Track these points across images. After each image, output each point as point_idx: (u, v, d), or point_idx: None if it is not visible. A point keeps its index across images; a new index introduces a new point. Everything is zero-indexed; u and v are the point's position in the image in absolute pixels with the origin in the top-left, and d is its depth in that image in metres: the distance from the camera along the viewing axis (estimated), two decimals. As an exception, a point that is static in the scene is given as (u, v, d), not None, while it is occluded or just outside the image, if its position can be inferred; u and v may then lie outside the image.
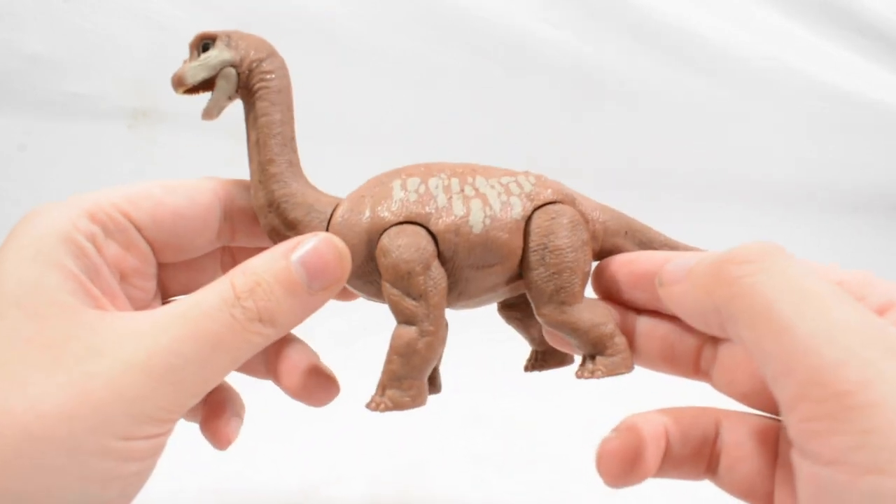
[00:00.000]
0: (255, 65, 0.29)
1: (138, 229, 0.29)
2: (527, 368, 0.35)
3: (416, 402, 0.29)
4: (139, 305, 0.30)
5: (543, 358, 0.34)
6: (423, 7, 0.93)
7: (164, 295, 0.33)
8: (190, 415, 0.33)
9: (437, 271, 0.29)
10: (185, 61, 0.29)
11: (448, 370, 0.33)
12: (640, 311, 0.31)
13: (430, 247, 0.29)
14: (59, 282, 0.25)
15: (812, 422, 0.19)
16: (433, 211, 0.29)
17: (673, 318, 0.30)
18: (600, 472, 0.26)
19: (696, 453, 0.27)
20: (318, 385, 0.32)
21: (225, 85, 0.29)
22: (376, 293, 0.31)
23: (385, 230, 0.29)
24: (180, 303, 0.26)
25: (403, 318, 0.29)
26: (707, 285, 0.23)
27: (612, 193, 0.41)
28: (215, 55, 0.29)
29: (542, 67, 0.98)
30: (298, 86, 0.30)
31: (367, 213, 0.29)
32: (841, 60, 1.07)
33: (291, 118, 0.30)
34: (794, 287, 0.21)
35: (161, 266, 0.32)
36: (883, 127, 1.10)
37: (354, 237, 0.29)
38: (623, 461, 0.26)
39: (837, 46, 1.07)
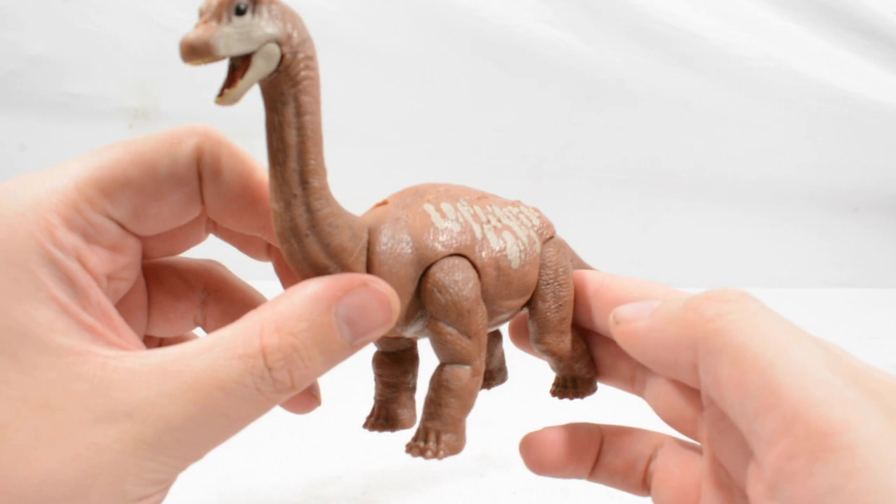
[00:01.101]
0: (300, 47, 0.23)
1: (120, 225, 0.25)
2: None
3: (464, 440, 0.28)
4: (124, 292, 0.27)
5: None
6: (424, 8, 0.93)
7: (145, 257, 0.29)
8: None
9: (482, 307, 0.28)
10: (201, 23, 0.22)
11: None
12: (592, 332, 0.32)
13: (478, 281, 0.27)
14: (50, 320, 0.22)
15: (792, 460, 0.19)
16: (475, 242, 0.28)
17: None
18: (522, 456, 0.30)
19: (629, 467, 0.30)
20: (296, 399, 0.30)
21: (263, 66, 0.22)
22: (419, 330, 0.28)
23: (435, 262, 0.27)
24: (194, 359, 0.22)
25: (457, 357, 0.27)
26: (685, 320, 0.23)
27: (611, 193, 0.41)
28: (259, 25, 0.22)
29: (543, 68, 0.98)
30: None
31: (411, 242, 0.26)
32: (841, 61, 1.07)
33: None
34: (776, 325, 0.21)
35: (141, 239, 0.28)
36: (883, 127, 1.10)
37: (401, 270, 0.26)
38: (542, 451, 0.29)
39: (837, 47, 1.07)
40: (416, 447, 0.27)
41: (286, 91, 0.23)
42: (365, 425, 0.31)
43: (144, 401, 0.22)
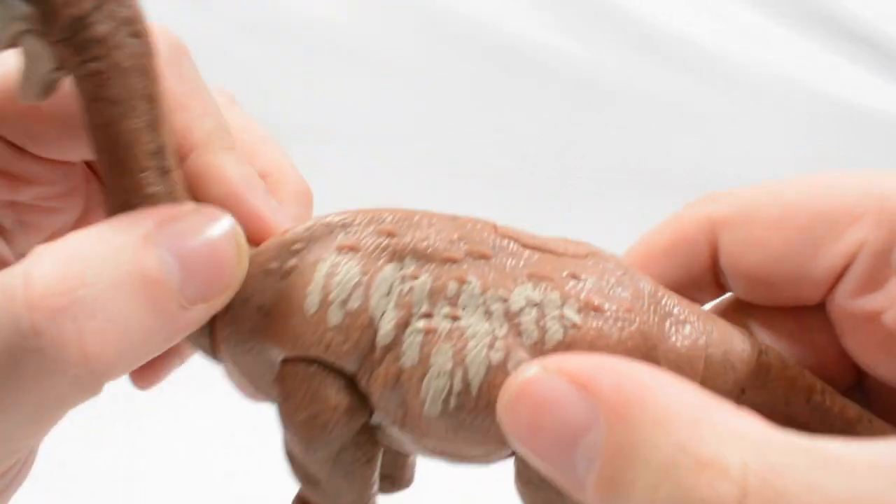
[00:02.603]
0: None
1: (12, 145, 0.20)
2: None
3: None
4: (63, 223, 0.23)
5: None
6: (423, 12, 0.93)
7: None
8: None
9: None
10: None
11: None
12: None
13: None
14: None
15: None
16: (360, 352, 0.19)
17: None
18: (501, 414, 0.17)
19: None
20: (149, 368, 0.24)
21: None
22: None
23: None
24: None
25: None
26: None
27: (608, 195, 0.41)
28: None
29: (542, 70, 0.98)
30: (300, 88, 0.30)
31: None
32: (836, 68, 1.08)
33: None
34: None
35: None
36: (874, 132, 1.11)
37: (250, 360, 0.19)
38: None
39: (834, 55, 1.07)
40: None
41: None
42: None
43: None
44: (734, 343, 0.19)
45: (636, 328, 0.17)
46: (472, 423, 0.17)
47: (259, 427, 0.48)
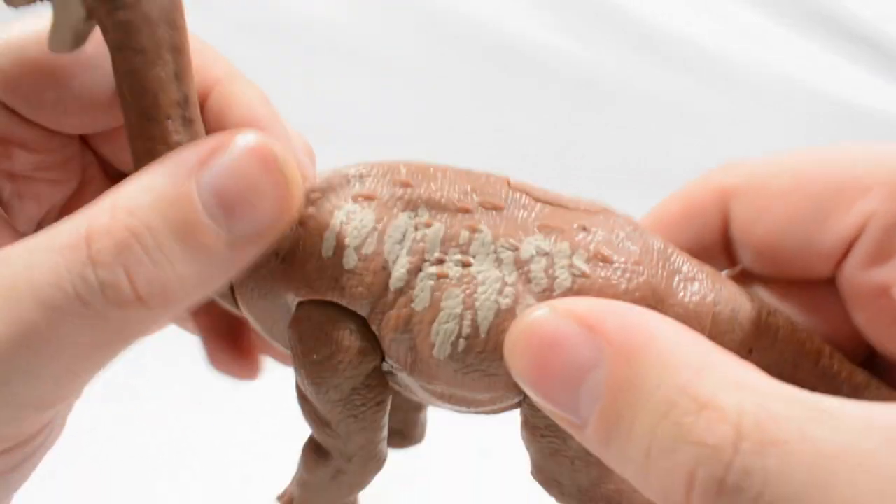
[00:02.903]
0: None
1: (12, 111, 0.20)
2: None
3: None
4: (57, 198, 0.22)
5: None
6: (423, 12, 0.93)
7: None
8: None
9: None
10: None
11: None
12: None
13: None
14: None
15: None
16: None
17: None
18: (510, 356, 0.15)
19: None
20: (231, 357, 0.24)
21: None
22: None
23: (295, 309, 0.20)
24: (17, 256, 0.16)
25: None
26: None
27: (608, 195, 0.41)
28: None
29: (542, 70, 0.98)
30: (300, 88, 0.30)
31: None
32: (836, 68, 1.08)
33: None
34: None
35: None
36: (873, 131, 1.11)
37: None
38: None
39: (833, 55, 1.07)
40: None
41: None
42: None
43: None
44: (742, 302, 0.19)
45: (644, 280, 0.18)
46: (480, 365, 0.17)
47: (259, 426, 0.48)
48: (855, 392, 0.19)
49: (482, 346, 0.17)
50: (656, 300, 0.18)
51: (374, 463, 0.21)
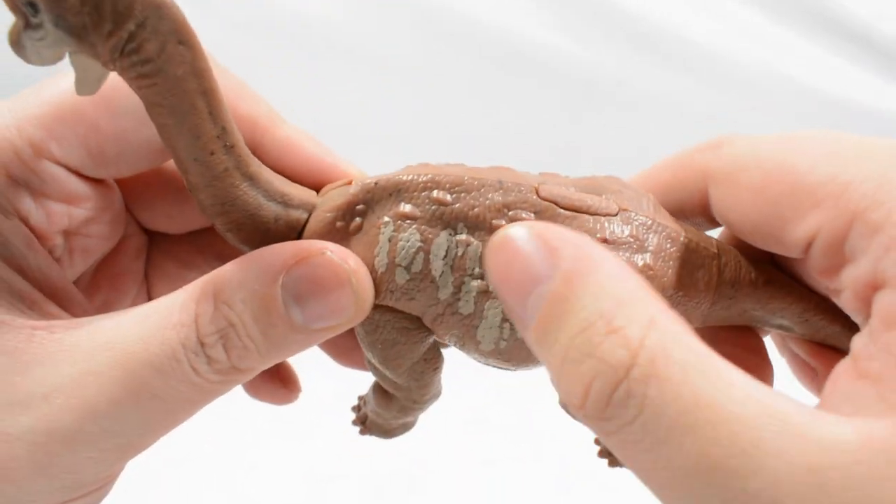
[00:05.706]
0: None
1: (75, 172, 0.21)
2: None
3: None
4: (99, 252, 0.24)
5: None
6: (422, 12, 0.93)
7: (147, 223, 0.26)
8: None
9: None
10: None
11: (450, 370, 0.33)
12: None
13: None
14: None
15: None
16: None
17: None
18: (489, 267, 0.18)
19: None
20: (273, 388, 0.27)
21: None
22: None
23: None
24: (129, 329, 0.19)
25: None
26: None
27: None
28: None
29: (542, 70, 0.98)
30: (299, 88, 0.30)
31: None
32: (836, 68, 1.08)
33: None
34: None
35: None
36: (873, 131, 1.11)
37: None
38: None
39: (830, 53, 1.07)
40: None
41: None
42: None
43: (66, 380, 0.18)
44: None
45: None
46: (519, 354, 0.22)
47: (259, 426, 0.48)
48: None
49: (520, 345, 0.21)
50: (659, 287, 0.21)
51: (434, 399, 0.25)
